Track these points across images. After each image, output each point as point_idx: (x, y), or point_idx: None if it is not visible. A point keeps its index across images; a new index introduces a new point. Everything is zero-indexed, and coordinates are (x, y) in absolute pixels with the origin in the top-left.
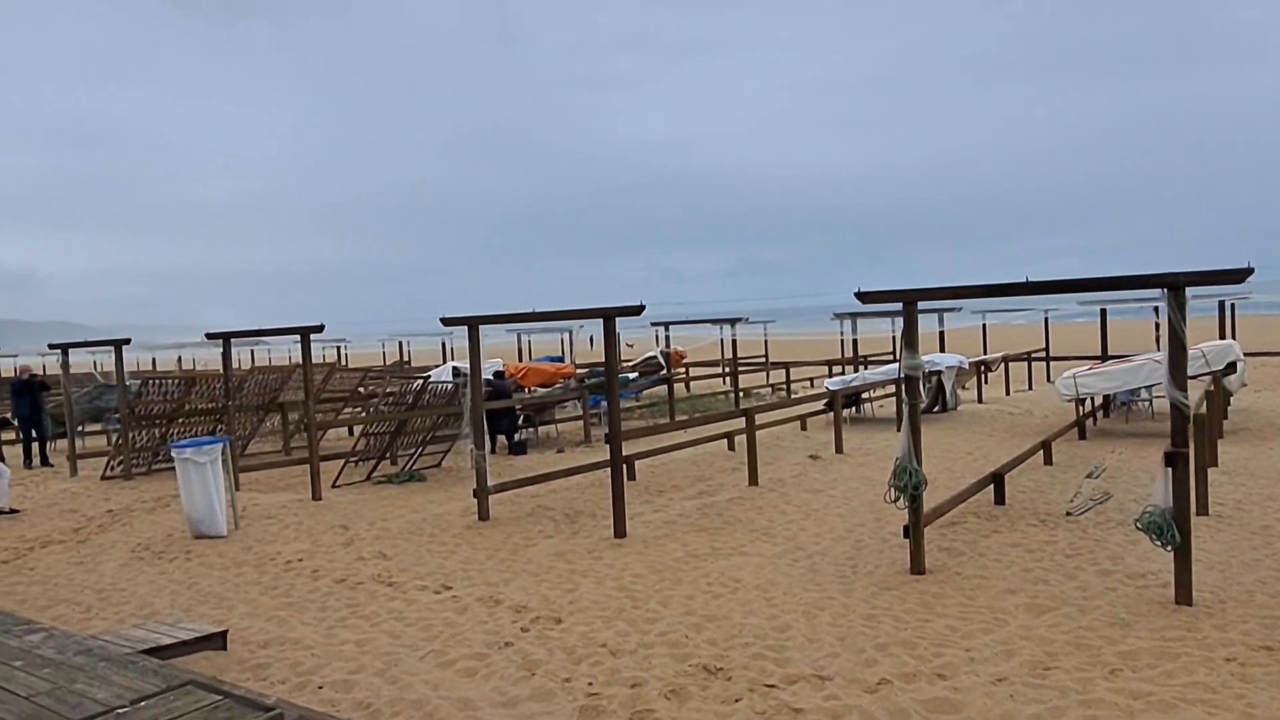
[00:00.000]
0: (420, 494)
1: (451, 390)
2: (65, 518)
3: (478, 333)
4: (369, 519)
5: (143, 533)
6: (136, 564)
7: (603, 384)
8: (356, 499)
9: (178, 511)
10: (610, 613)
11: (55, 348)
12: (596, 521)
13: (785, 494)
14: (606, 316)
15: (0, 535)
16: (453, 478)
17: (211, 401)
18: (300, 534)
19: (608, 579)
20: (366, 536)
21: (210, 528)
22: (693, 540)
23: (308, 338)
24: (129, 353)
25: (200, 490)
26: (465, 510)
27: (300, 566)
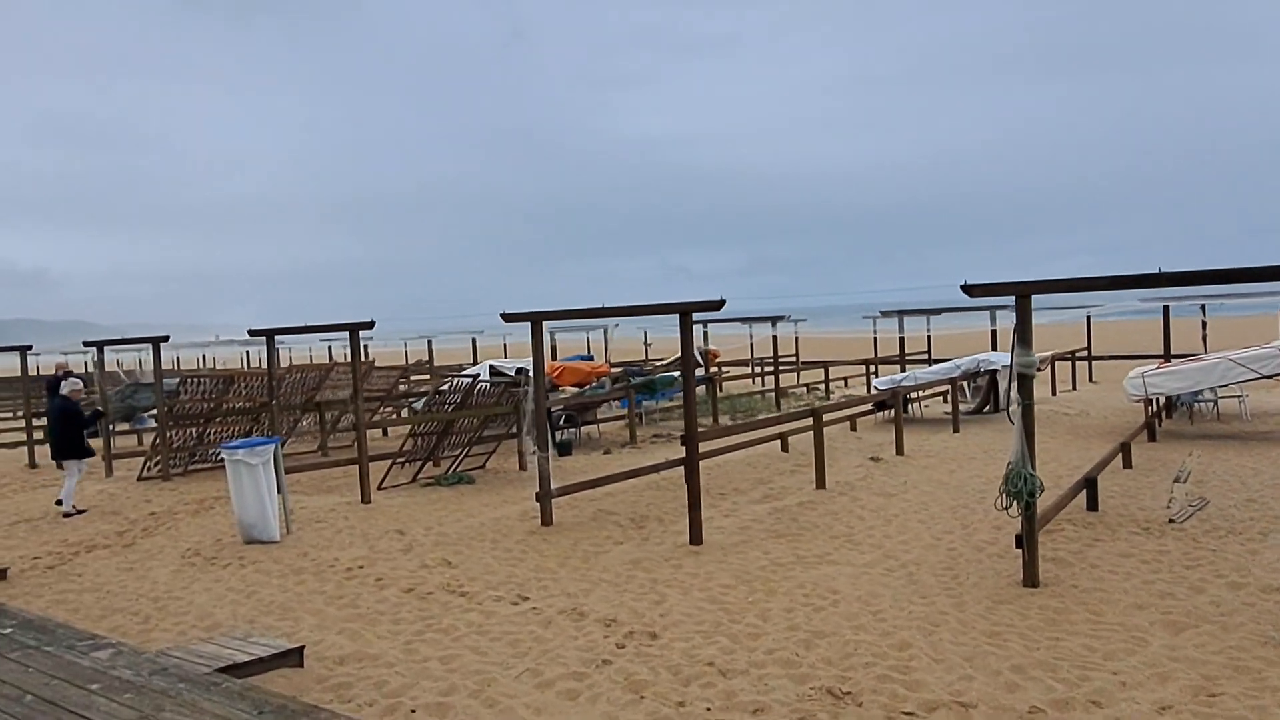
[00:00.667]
0: (471, 497)
1: (499, 389)
2: (107, 520)
3: (541, 329)
4: (424, 523)
5: (190, 537)
6: (189, 570)
7: (650, 383)
8: (406, 502)
9: (223, 514)
10: (707, 627)
11: (91, 345)
12: (665, 527)
13: (856, 498)
14: (683, 312)
15: (43, 539)
16: (501, 480)
17: (249, 401)
18: (355, 539)
19: (694, 589)
20: (425, 542)
21: (262, 532)
22: (773, 548)
23: (357, 335)
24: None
25: (252, 493)
26: (523, 514)
27: (362, 574)
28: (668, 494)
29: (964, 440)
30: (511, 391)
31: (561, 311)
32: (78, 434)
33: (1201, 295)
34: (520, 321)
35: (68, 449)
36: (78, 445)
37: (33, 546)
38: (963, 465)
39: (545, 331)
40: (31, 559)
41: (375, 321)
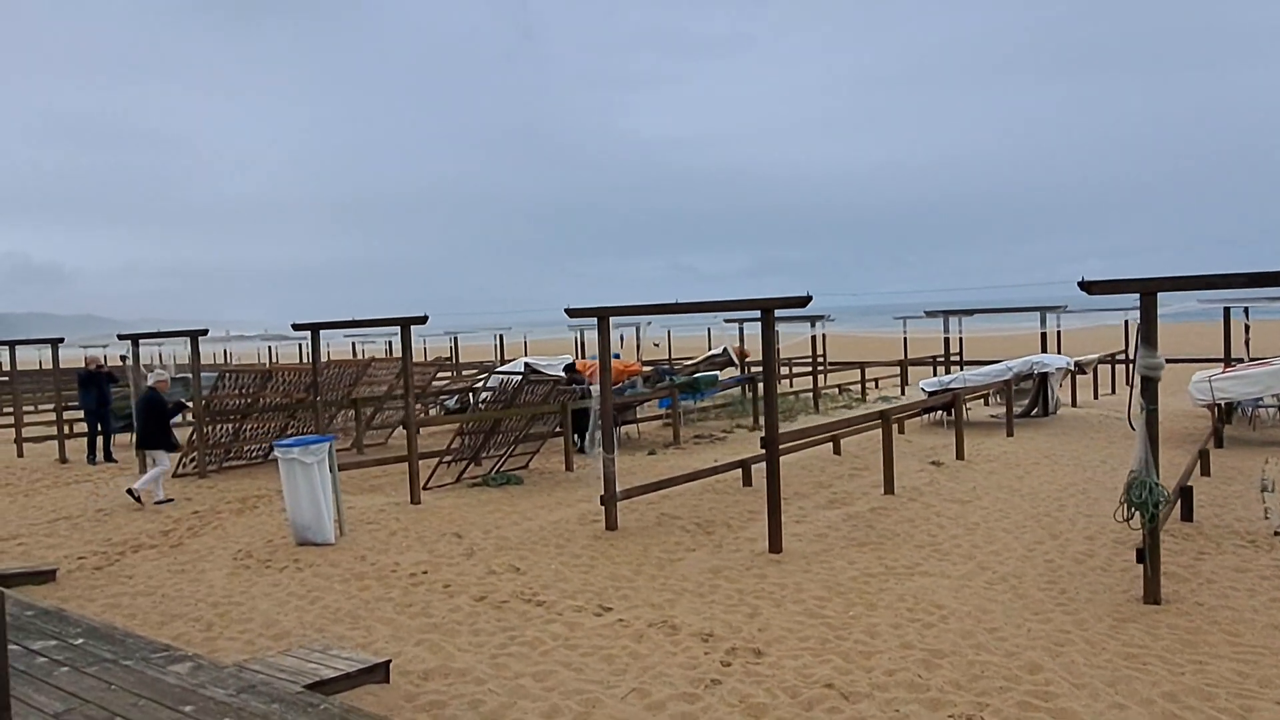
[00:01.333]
0: (522, 498)
1: (546, 388)
2: (149, 519)
3: (608, 325)
4: (481, 526)
5: (239, 537)
6: (243, 573)
7: (694, 382)
8: (457, 503)
9: (268, 514)
10: (813, 643)
11: (125, 338)
12: (735, 533)
13: (929, 504)
14: (765, 308)
15: (85, 537)
16: (548, 480)
17: (286, 396)
18: (412, 542)
19: (787, 601)
20: (486, 546)
21: (316, 534)
22: (857, 556)
23: (408, 329)
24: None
25: (307, 493)
26: (582, 517)
27: (428, 580)
28: (727, 497)
29: (1021, 445)
30: (559, 390)
31: (629, 307)
32: (164, 424)
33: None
34: (586, 317)
35: (153, 439)
36: (164, 436)
37: (76, 545)
38: (1029, 471)
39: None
40: (77, 559)
41: (428, 316)
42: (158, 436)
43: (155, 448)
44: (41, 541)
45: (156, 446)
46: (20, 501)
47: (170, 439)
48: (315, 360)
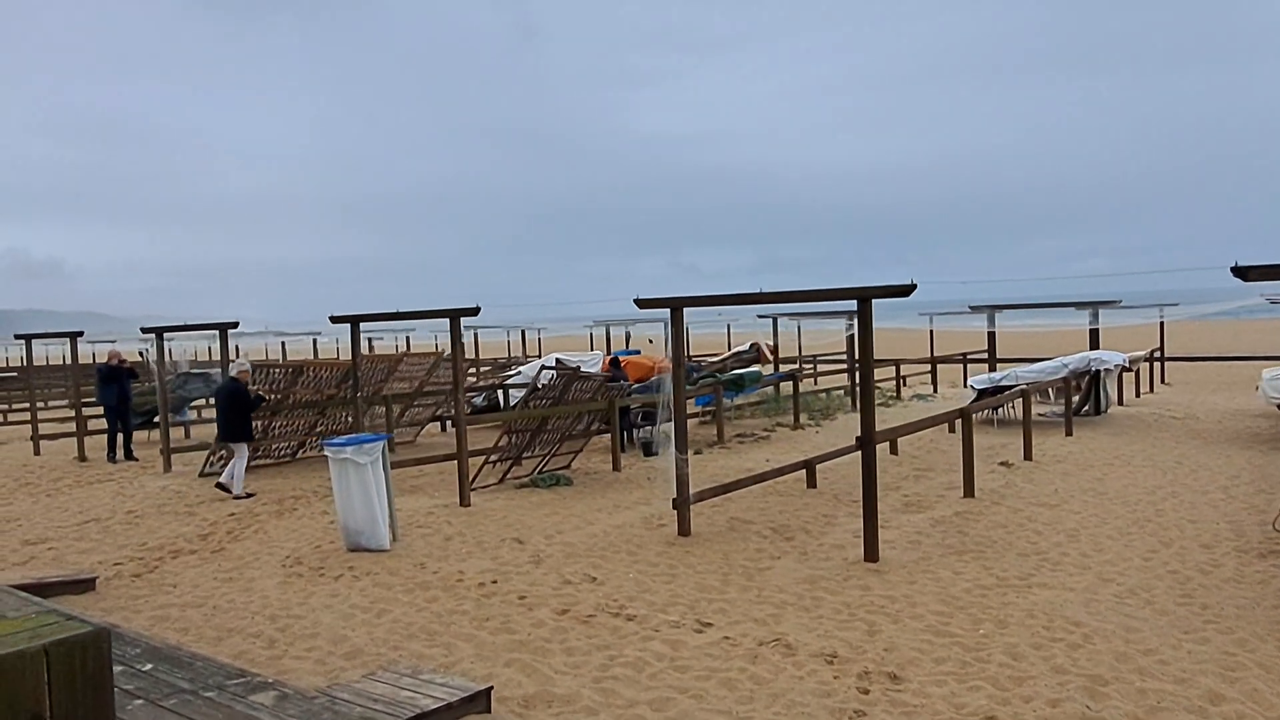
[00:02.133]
0: (576, 500)
1: (596, 385)
2: (182, 521)
3: (682, 317)
4: (541, 530)
5: (284, 542)
6: (296, 582)
7: (739, 379)
8: (508, 505)
9: (308, 516)
10: (952, 666)
11: (149, 332)
12: (816, 539)
13: (1015, 508)
14: (862, 297)
15: (119, 541)
16: (596, 481)
17: (316, 393)
18: (472, 548)
19: (904, 617)
20: (552, 553)
21: (370, 539)
22: (962, 567)
23: (458, 322)
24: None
25: (360, 496)
26: (647, 521)
27: (500, 591)
28: (794, 500)
29: (1084, 445)
30: (608, 387)
31: (704, 298)
32: (246, 416)
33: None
34: (658, 307)
35: (236, 430)
36: (246, 427)
37: (110, 550)
38: (1105, 473)
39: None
40: (113, 565)
41: (480, 308)
42: (240, 428)
43: (238, 439)
44: (73, 546)
45: (240, 438)
46: (44, 502)
47: (250, 431)
48: (355, 354)
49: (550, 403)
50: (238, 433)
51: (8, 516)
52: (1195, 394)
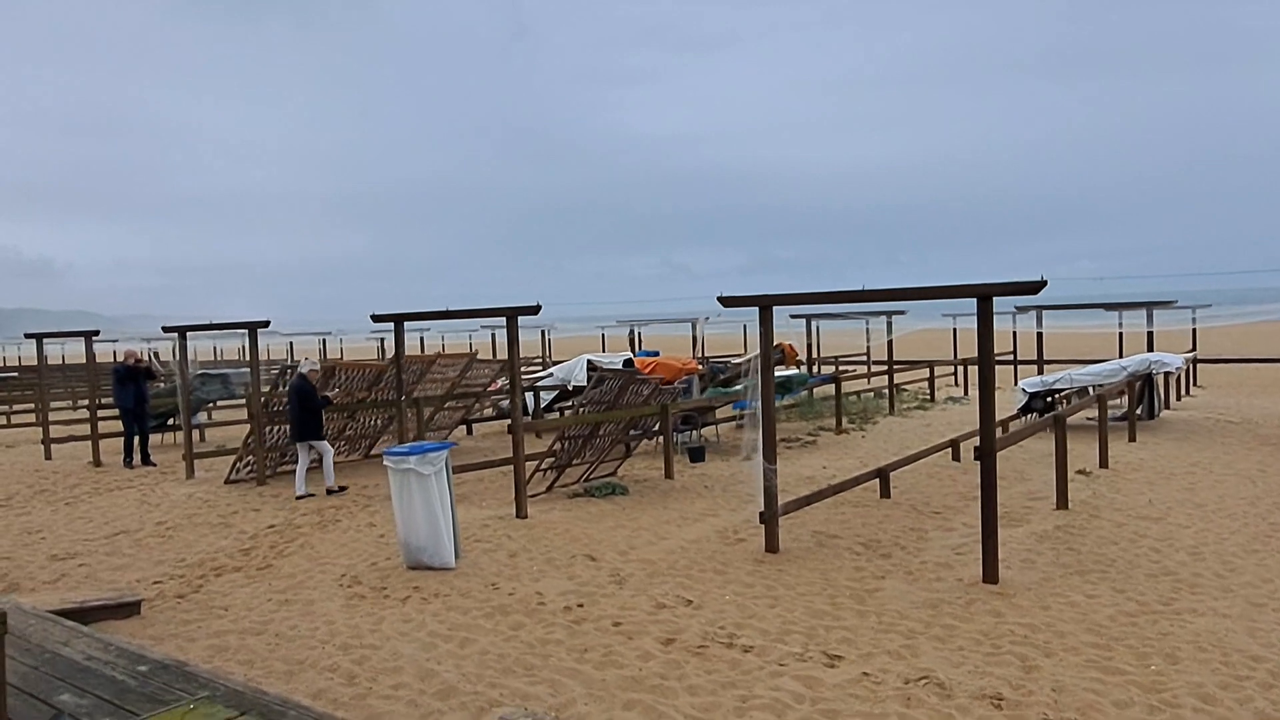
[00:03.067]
0: (637, 511)
1: (651, 389)
2: (219, 533)
3: (771, 314)
4: (613, 546)
5: (334, 558)
6: (360, 604)
7: (788, 381)
8: (566, 516)
9: (354, 529)
10: (1139, 711)
11: (171, 330)
12: (914, 555)
13: (1119, 522)
14: (984, 295)
15: (154, 556)
16: (651, 489)
17: (348, 395)
18: (543, 565)
19: (1057, 649)
20: (634, 572)
21: (434, 557)
22: (1091, 589)
23: (515, 320)
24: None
25: (423, 510)
26: (723, 535)
27: (589, 616)
28: (870, 511)
29: (1153, 451)
30: (662, 390)
31: (796, 295)
32: (314, 415)
33: None
34: (744, 306)
35: (311, 429)
36: (315, 427)
37: (146, 567)
38: (1193, 483)
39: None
40: (152, 583)
41: (541, 305)
42: (310, 427)
43: (307, 438)
44: (105, 562)
45: (309, 437)
46: (64, 512)
47: (320, 430)
48: (399, 355)
49: (606, 406)
50: (307, 431)
51: (28, 528)
52: (1235, 396)
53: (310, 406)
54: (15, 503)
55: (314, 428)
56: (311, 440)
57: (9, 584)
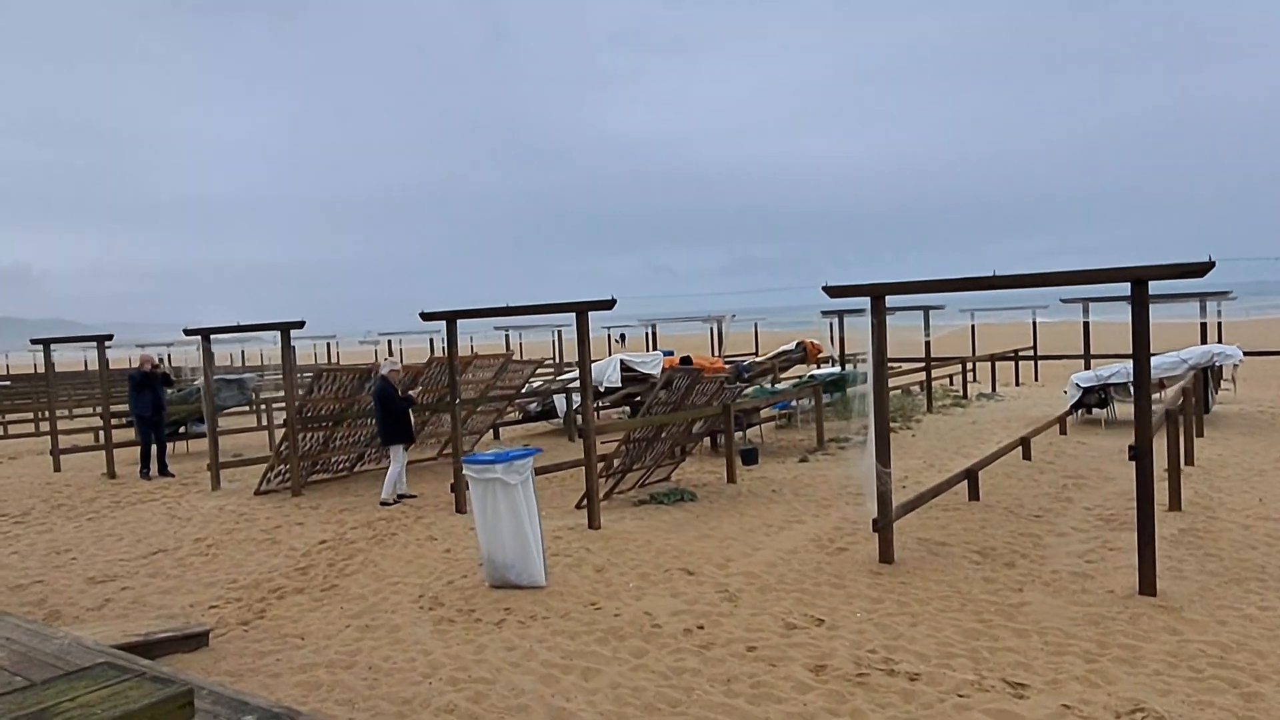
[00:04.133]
0: (715, 518)
1: (715, 388)
2: (266, 550)
3: (883, 305)
4: (706, 558)
5: (403, 576)
6: (451, 629)
7: (840, 380)
8: (640, 526)
9: (415, 543)
10: None
11: (194, 334)
12: (1040, 564)
13: (1244, 524)
14: (1138, 279)
15: (203, 578)
16: (717, 495)
17: (430, 393)
18: (639, 582)
19: (1270, 674)
20: (743, 588)
21: (522, 574)
22: (1263, 601)
23: (585, 315)
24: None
25: (510, 523)
26: (819, 544)
27: (716, 640)
28: (963, 514)
29: (1225, 447)
30: (726, 390)
31: (910, 284)
32: (397, 417)
33: None
34: (853, 296)
35: (394, 433)
36: (400, 429)
37: (196, 589)
38: None
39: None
40: (208, 608)
41: (616, 300)
42: (394, 430)
43: (393, 442)
44: (149, 585)
45: (395, 441)
46: (88, 528)
47: (408, 432)
48: (452, 355)
49: (671, 408)
50: (392, 435)
51: (55, 546)
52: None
53: (392, 409)
54: (33, 518)
55: (397, 431)
56: (397, 444)
57: (49, 611)
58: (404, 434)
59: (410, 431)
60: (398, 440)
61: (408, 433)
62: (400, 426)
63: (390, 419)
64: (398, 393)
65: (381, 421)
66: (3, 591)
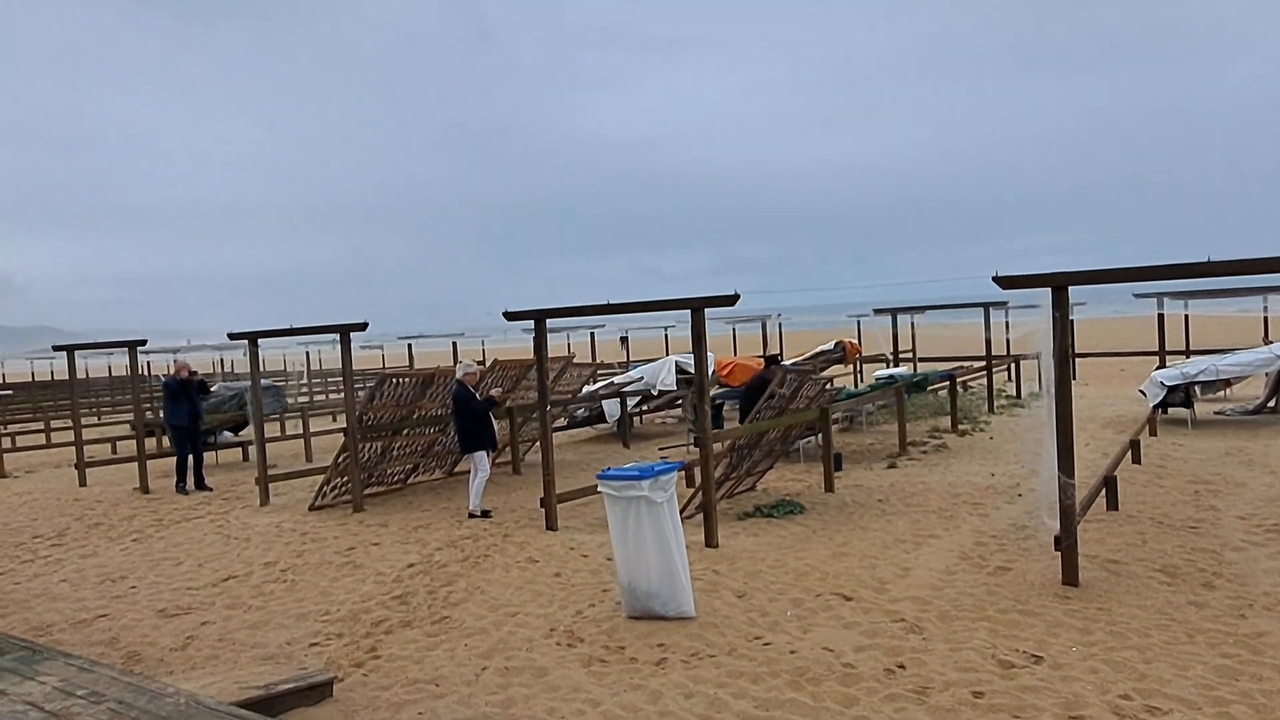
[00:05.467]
0: (840, 533)
1: (818, 390)
2: (351, 576)
3: (1067, 296)
4: (857, 580)
5: (521, 605)
6: (607, 671)
7: (923, 380)
8: (759, 543)
9: (517, 566)
10: None
11: (238, 338)
12: (1243, 585)
13: None
14: None
15: (287, 609)
16: (821, 505)
17: (443, 406)
18: (795, 609)
19: None
20: (919, 616)
21: (668, 604)
22: None
23: (702, 314)
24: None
25: (655, 545)
26: (970, 560)
27: (931, 684)
28: (1114, 526)
29: None
30: (825, 393)
31: (1097, 272)
32: (477, 423)
33: None
34: (1030, 287)
35: (469, 441)
36: (480, 436)
37: (287, 623)
38: None
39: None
40: (309, 645)
41: (739, 295)
42: (474, 437)
43: (473, 449)
44: (231, 618)
45: (476, 448)
46: (136, 550)
47: (490, 437)
48: (541, 356)
49: (775, 412)
50: (473, 441)
51: (107, 573)
52: None
53: (468, 413)
54: (72, 539)
55: (477, 436)
56: (478, 451)
57: (126, 653)
58: (486, 439)
59: (493, 436)
60: (479, 446)
61: (490, 437)
62: (481, 431)
63: (470, 424)
64: (475, 395)
65: (461, 428)
66: (65, 627)
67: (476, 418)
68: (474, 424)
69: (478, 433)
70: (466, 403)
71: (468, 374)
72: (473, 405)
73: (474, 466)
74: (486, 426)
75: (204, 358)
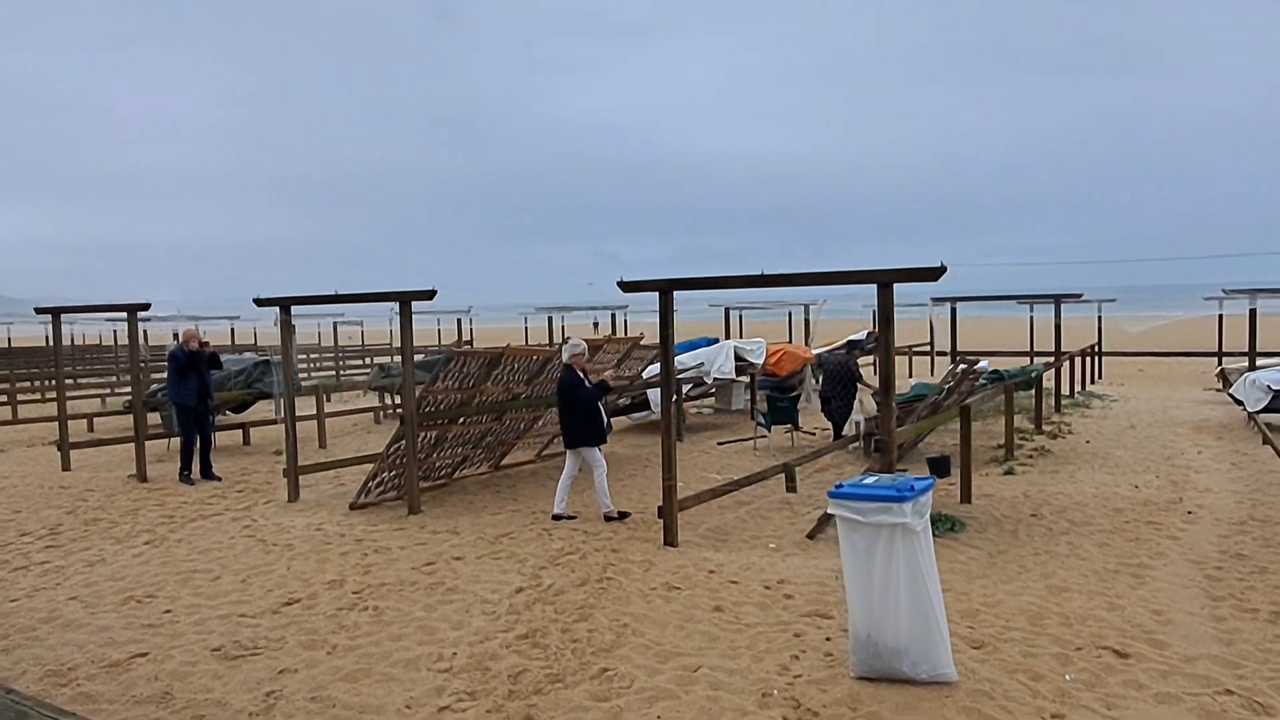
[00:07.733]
0: (1018, 556)
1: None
2: (450, 603)
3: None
4: (1115, 628)
5: (700, 654)
6: None
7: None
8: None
9: (654, 598)
10: None
11: (265, 303)
12: None
13: None
14: None
15: (391, 651)
16: (969, 519)
17: (505, 391)
18: (1065, 668)
19: None
20: (1240, 684)
21: (920, 663)
22: None
23: (890, 289)
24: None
25: (908, 586)
26: (1218, 601)
27: None
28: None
29: None
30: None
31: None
32: (585, 413)
33: None
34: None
35: (575, 434)
36: (590, 428)
37: (397, 673)
38: None
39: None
40: (439, 711)
41: (945, 267)
42: (581, 430)
43: (581, 444)
44: (315, 663)
45: (585, 443)
46: (153, 556)
47: (599, 431)
48: (667, 335)
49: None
50: (579, 436)
51: (124, 587)
52: None
53: (574, 402)
54: (68, 539)
55: (587, 428)
56: (583, 446)
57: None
58: (594, 433)
59: (602, 428)
60: (587, 441)
61: (599, 430)
62: (590, 422)
63: (577, 415)
64: (584, 381)
65: (566, 419)
66: (93, 672)
67: (585, 407)
68: (583, 414)
69: (585, 424)
70: (574, 389)
71: (575, 355)
72: (580, 392)
73: (591, 464)
74: (595, 417)
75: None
